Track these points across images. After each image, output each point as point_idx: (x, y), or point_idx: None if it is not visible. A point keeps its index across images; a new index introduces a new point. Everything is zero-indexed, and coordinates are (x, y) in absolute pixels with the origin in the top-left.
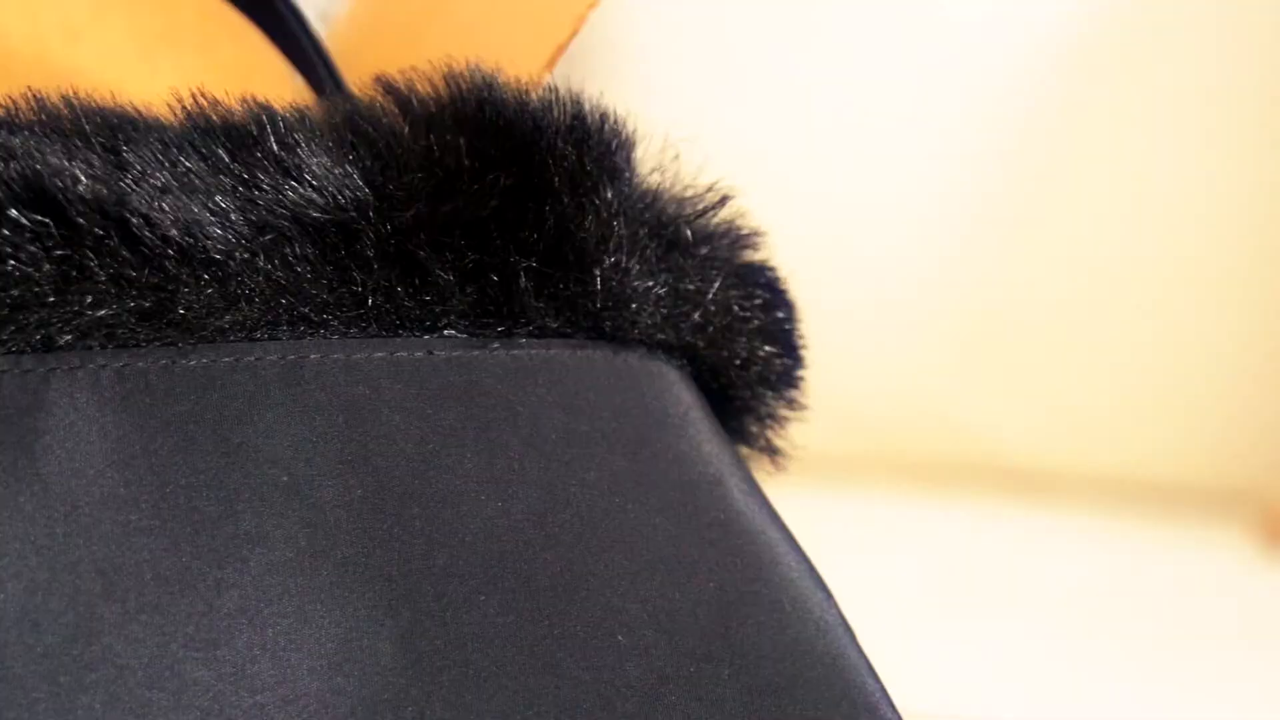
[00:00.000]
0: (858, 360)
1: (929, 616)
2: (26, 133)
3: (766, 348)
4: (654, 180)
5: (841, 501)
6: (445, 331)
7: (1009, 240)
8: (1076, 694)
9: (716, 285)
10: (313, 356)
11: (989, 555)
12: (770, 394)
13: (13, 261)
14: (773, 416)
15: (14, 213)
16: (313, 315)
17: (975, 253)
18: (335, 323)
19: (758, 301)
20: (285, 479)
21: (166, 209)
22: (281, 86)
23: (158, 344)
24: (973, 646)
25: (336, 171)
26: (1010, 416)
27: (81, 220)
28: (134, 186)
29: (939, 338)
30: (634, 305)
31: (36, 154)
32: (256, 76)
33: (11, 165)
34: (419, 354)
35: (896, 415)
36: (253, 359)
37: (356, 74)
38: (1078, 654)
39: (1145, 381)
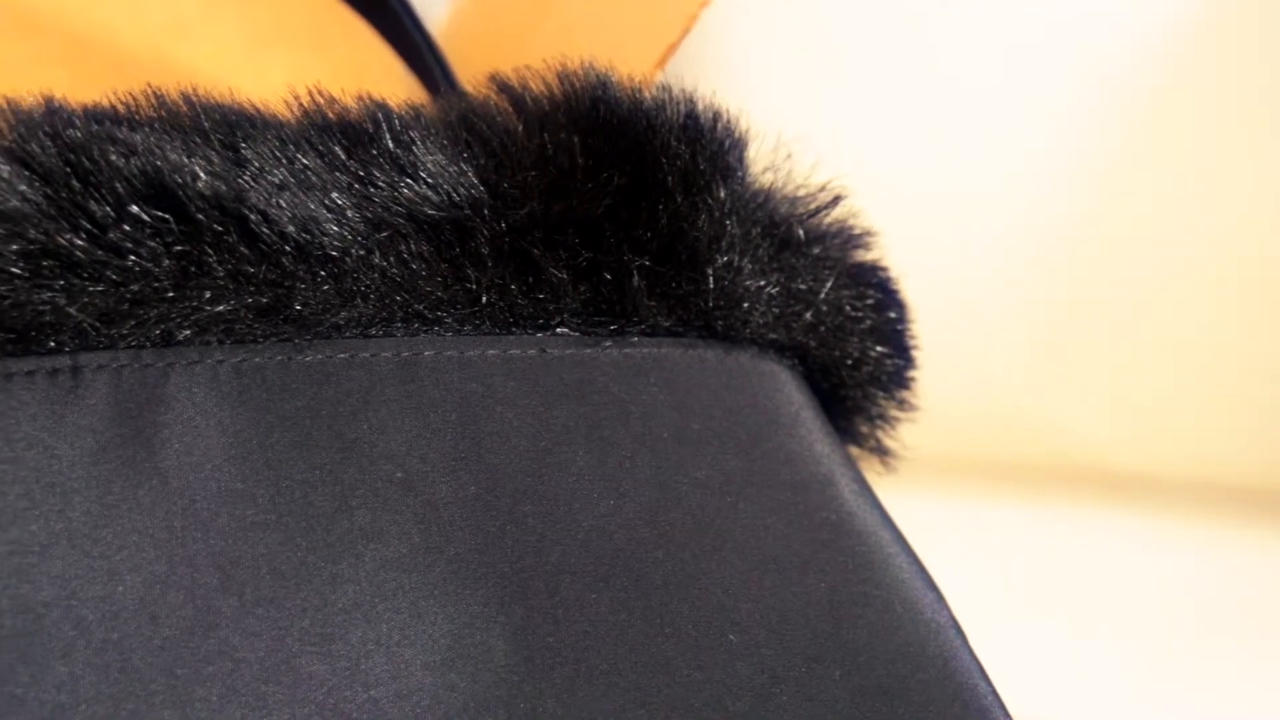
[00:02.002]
0: (944, 360)
1: (1014, 619)
2: (147, 129)
3: (878, 348)
4: (766, 179)
5: (926, 502)
6: (558, 330)
7: (1095, 238)
8: (1164, 699)
9: (829, 285)
10: (427, 353)
11: (1075, 558)
12: (881, 394)
13: (133, 257)
14: (883, 417)
15: (135, 208)
16: (427, 312)
17: (1061, 251)
18: (449, 320)
19: (870, 302)
20: (400, 475)
21: (284, 205)
22: (394, 84)
23: (274, 340)
24: (1059, 651)
25: (451, 169)
26: (1096, 417)
27: (201, 216)
28: (252, 183)
29: (1027, 337)
30: (746, 304)
31: (157, 150)
32: (369, 73)
33: (133, 161)
34: (532, 352)
35: (983, 416)
36: (368, 355)
37: (467, 72)
38: (1165, 659)
39: (1235, 382)
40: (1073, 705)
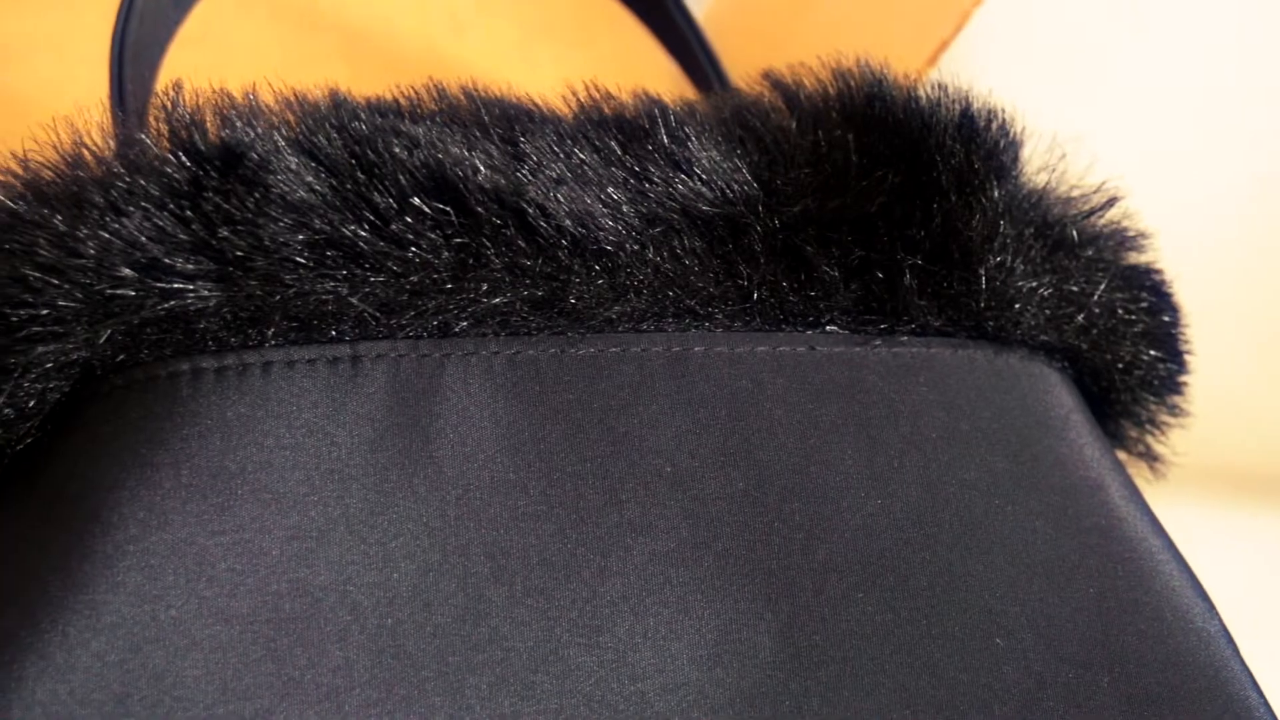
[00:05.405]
0: (1218, 365)
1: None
2: (428, 123)
3: (1151, 352)
4: (1040, 180)
5: (1196, 510)
6: (828, 327)
7: None
8: None
9: (1102, 287)
10: (697, 349)
11: None
12: (1152, 399)
13: (414, 248)
14: (1153, 422)
15: (417, 201)
16: (698, 308)
17: None
18: (719, 315)
19: (1143, 305)
20: (669, 469)
21: (561, 200)
22: (660, 78)
23: (548, 333)
24: None
25: (725, 165)
26: None
27: (480, 209)
28: (530, 177)
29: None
30: (1017, 305)
31: (439, 144)
32: (636, 68)
33: (415, 154)
34: (801, 349)
35: (1256, 424)
36: (639, 350)
37: (729, 64)
38: None
39: None
40: None
